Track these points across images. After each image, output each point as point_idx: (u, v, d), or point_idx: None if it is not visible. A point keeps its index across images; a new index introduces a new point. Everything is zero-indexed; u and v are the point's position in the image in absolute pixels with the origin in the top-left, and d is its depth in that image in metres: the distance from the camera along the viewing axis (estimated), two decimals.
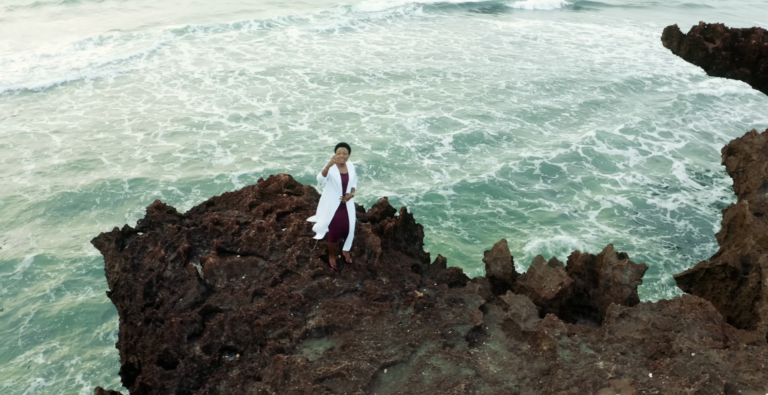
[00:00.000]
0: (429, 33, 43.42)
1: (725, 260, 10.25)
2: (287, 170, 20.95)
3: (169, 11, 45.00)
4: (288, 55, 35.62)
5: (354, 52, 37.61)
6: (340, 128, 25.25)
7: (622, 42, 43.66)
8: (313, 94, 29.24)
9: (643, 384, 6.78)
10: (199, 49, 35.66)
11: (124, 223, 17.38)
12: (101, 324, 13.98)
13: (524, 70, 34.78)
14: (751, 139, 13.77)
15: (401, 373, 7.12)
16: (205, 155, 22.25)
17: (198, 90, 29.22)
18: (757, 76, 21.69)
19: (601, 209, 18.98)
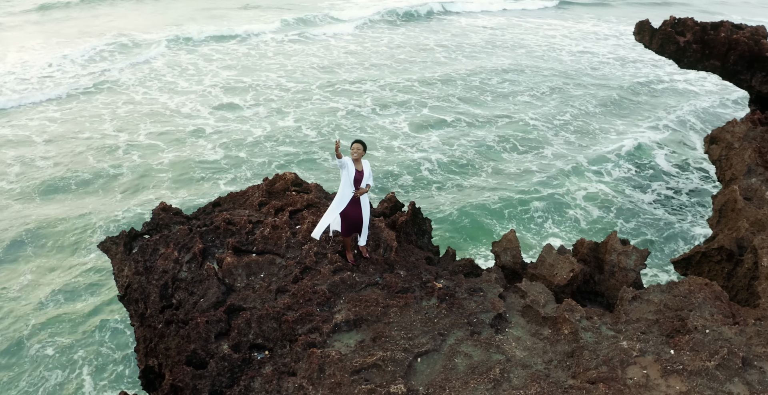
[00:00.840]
0: (398, 31, 43.85)
1: (721, 244, 10.81)
2: (274, 168, 20.99)
3: (132, 19, 44.06)
4: (260, 56, 35.52)
5: (326, 51, 37.72)
6: (321, 123, 25.45)
7: (588, 37, 44.86)
8: (293, 91, 29.34)
9: (666, 360, 7.18)
10: (182, 58, 35.10)
11: (113, 225, 17.25)
12: (105, 330, 13.82)
13: (497, 66, 35.47)
14: (732, 128, 14.47)
15: (435, 361, 7.37)
16: (194, 153, 22.15)
17: (179, 92, 28.97)
18: (726, 67, 22.63)
19: (587, 198, 19.57)
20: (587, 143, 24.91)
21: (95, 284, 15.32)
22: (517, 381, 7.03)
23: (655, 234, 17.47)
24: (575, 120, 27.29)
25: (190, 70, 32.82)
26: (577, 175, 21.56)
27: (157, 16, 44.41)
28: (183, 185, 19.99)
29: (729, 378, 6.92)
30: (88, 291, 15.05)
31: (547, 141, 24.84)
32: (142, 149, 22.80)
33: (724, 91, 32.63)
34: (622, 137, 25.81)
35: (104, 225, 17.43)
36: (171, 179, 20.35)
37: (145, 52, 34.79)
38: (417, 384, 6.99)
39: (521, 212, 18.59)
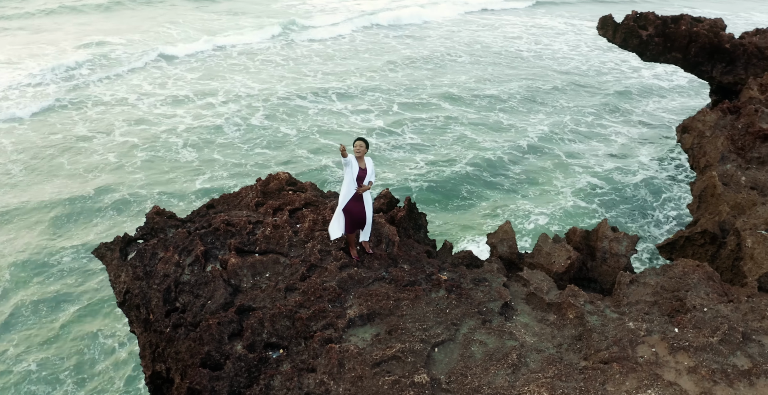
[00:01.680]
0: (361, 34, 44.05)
1: (704, 227, 11.38)
2: (255, 168, 20.91)
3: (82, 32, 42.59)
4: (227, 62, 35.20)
5: (290, 50, 37.64)
6: (294, 120, 25.46)
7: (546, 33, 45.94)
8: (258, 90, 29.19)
9: (672, 338, 7.58)
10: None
11: (94, 232, 16.93)
12: (88, 341, 13.58)
13: (457, 63, 36.00)
14: (703, 117, 15.17)
15: (451, 350, 7.60)
16: (168, 153, 21.86)
17: (152, 95, 28.45)
18: (688, 59, 23.62)
19: (567, 189, 20.15)
20: (564, 137, 25.56)
21: (71, 292, 15.03)
22: (534, 365, 7.32)
23: (636, 222, 18.14)
24: (548, 118, 27.95)
25: (164, 80, 32.28)
26: (557, 167, 22.15)
27: (129, 25, 43.23)
28: (157, 186, 19.78)
29: (732, 351, 7.35)
30: (66, 300, 14.76)
31: (523, 134, 25.40)
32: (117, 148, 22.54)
33: (686, 82, 33.95)
34: (596, 130, 26.60)
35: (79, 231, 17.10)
36: (144, 180, 20.11)
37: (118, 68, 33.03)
38: (438, 373, 7.20)
39: (505, 205, 19.02)
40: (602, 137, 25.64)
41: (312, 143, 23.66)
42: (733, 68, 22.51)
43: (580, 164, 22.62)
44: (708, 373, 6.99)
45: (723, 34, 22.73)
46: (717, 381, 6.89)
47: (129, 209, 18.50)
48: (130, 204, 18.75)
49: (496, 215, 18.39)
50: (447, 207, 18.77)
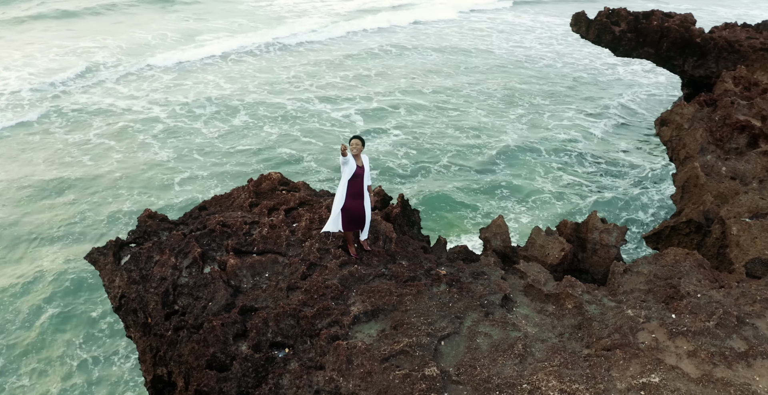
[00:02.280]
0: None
1: (689, 217, 11.74)
2: (236, 167, 20.80)
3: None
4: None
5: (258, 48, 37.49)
6: (275, 118, 25.41)
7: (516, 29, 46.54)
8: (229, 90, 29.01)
9: (670, 324, 7.84)
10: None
11: (77, 237, 16.66)
12: (74, 348, 13.37)
13: (426, 61, 36.30)
14: (681, 110, 15.61)
15: (457, 343, 7.73)
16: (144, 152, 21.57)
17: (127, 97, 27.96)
18: (660, 54, 24.23)
19: (550, 185, 20.50)
20: (541, 133, 25.96)
21: (47, 299, 14.80)
22: (539, 355, 7.50)
23: (619, 214, 18.55)
24: (528, 113, 28.34)
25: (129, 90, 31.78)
26: (538, 163, 22.51)
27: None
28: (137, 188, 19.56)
29: (728, 335, 7.64)
30: (41, 308, 14.52)
31: (503, 132, 25.72)
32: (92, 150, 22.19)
33: (659, 77, 34.76)
34: (575, 125, 27.07)
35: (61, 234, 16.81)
36: (124, 181, 19.87)
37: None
38: (447, 365, 7.33)
39: (486, 199, 19.27)
40: (581, 132, 26.10)
41: (293, 142, 23.64)
42: (705, 62, 23.16)
43: (561, 159, 23.03)
44: (707, 356, 7.25)
45: (693, 28, 23.38)
46: (716, 364, 7.16)
47: (108, 212, 18.25)
48: (106, 206, 18.50)
49: (480, 211, 18.62)
50: (432, 204, 18.94)
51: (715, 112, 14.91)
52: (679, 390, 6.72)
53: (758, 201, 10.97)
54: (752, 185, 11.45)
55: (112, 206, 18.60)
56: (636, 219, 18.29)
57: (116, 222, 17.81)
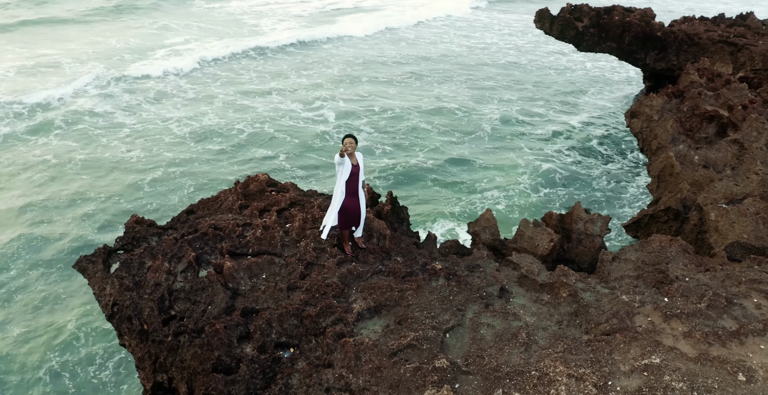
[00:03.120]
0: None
1: (667, 205, 12.20)
2: (198, 165, 20.57)
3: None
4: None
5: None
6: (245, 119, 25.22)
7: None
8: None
9: (664, 307, 8.18)
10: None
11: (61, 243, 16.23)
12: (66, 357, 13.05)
13: (385, 58, 36.57)
14: (650, 101, 16.16)
15: (462, 335, 7.91)
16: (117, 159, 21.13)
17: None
18: (622, 48, 24.98)
19: (526, 179, 20.90)
20: (516, 127, 26.40)
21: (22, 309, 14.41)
22: (543, 342, 7.73)
23: (596, 205, 19.06)
24: (498, 110, 28.79)
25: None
26: (512, 157, 22.91)
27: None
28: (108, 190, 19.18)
29: (719, 315, 8.02)
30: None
31: (478, 127, 26.06)
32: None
33: (618, 70, 35.75)
34: (546, 120, 27.62)
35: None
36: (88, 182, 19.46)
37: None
38: (454, 356, 7.49)
39: (464, 193, 19.56)
40: (553, 127, 26.63)
41: (267, 141, 23.53)
42: (666, 55, 23.97)
43: (535, 153, 23.49)
44: (702, 336, 7.60)
45: (654, 22, 24.18)
46: (711, 343, 7.51)
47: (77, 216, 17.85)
48: (74, 208, 18.08)
49: (458, 205, 18.90)
50: (410, 199, 19.12)
51: (683, 103, 15.49)
52: (680, 370, 7.03)
53: (732, 187, 11.49)
54: (726, 172, 11.97)
55: (79, 211, 18.20)
56: (610, 209, 18.84)
57: (84, 227, 17.44)
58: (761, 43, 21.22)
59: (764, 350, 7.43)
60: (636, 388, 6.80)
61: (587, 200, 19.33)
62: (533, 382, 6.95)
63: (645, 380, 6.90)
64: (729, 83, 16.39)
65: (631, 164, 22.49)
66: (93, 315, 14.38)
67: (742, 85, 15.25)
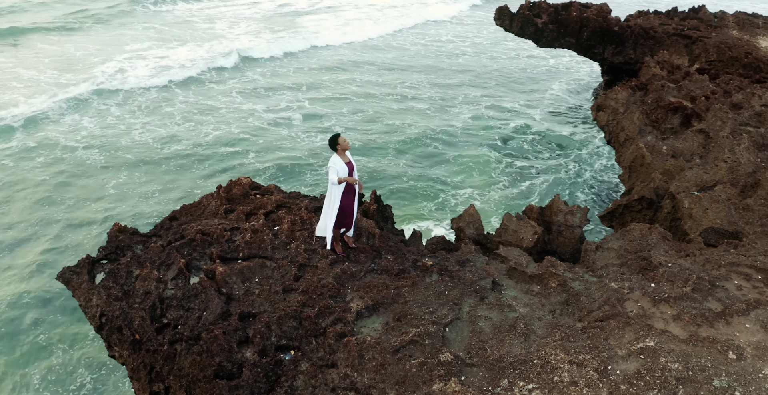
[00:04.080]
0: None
1: (640, 194, 12.65)
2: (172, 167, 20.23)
3: None
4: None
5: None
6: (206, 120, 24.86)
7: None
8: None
9: (651, 292, 8.51)
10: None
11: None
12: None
13: (339, 55, 36.70)
14: (615, 95, 16.69)
15: (461, 328, 8.07)
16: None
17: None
18: (581, 43, 25.65)
19: (496, 174, 21.28)
20: (484, 123, 26.78)
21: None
22: (540, 332, 7.96)
23: (566, 197, 19.54)
24: (467, 106, 29.16)
25: None
26: (482, 154, 23.26)
27: None
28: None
29: (704, 298, 8.40)
30: None
31: (448, 125, 26.33)
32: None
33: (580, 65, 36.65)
34: (512, 114, 28.10)
35: None
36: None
37: None
38: (456, 350, 7.64)
39: (438, 189, 19.80)
40: (519, 121, 27.13)
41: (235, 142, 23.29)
42: (623, 49, 24.74)
43: (504, 148, 23.91)
44: (690, 318, 7.95)
45: (611, 17, 24.91)
46: (700, 325, 7.87)
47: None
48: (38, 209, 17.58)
49: (434, 200, 19.12)
50: (386, 197, 19.24)
51: (647, 95, 16.06)
52: (674, 351, 7.35)
53: (703, 175, 12.00)
54: (695, 161, 12.50)
55: (40, 214, 17.70)
56: (581, 200, 19.36)
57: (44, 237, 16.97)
58: (714, 35, 22.13)
59: (749, 329, 7.83)
60: (635, 371, 7.08)
61: (557, 193, 19.81)
62: (537, 370, 7.16)
63: (642, 362, 7.19)
64: (689, 75, 17.06)
65: (596, 156, 23.14)
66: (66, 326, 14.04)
67: (703, 76, 15.91)
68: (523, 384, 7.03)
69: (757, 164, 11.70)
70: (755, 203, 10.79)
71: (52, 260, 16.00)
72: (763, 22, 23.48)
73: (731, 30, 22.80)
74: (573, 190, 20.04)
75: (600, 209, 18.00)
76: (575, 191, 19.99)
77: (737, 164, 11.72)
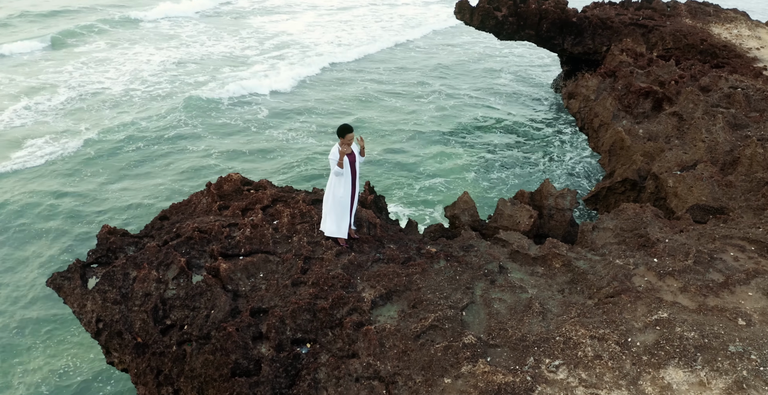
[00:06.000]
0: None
1: (624, 176, 13.02)
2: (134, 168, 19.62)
3: None
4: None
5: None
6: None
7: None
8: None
9: (655, 267, 8.77)
10: None
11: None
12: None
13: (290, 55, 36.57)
14: (586, 82, 17.12)
15: (477, 311, 8.13)
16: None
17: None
18: (541, 35, 26.19)
19: (473, 165, 21.48)
20: (449, 113, 27.00)
21: None
22: (556, 310, 8.10)
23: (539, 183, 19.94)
24: (433, 102, 29.34)
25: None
26: (455, 147, 23.44)
27: None
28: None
29: (706, 269, 8.71)
30: None
31: (416, 120, 26.44)
32: None
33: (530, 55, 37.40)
34: (478, 107, 28.43)
35: None
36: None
37: None
38: (477, 332, 7.69)
39: (412, 182, 19.87)
40: (487, 114, 27.49)
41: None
42: (582, 40, 25.39)
43: (477, 141, 24.16)
44: (696, 290, 8.23)
45: (568, 9, 25.53)
46: (706, 295, 8.15)
47: None
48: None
49: (408, 193, 19.19)
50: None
51: (617, 82, 16.54)
52: (687, 321, 7.60)
53: (682, 156, 12.43)
54: (674, 142, 12.94)
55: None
56: (559, 186, 19.78)
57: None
58: (669, 23, 22.97)
59: (752, 296, 8.16)
60: (654, 341, 7.28)
61: (536, 181, 20.19)
62: (560, 347, 7.28)
63: (659, 333, 7.40)
64: (652, 62, 17.65)
65: (572, 143, 23.67)
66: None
67: (670, 62, 16.50)
68: (549, 361, 7.13)
69: (734, 143, 12.21)
70: (736, 179, 11.26)
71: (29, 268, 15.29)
72: (714, 10, 24.51)
73: (684, 18, 23.71)
74: (551, 177, 20.44)
75: (579, 194, 18.41)
76: (553, 179, 20.40)
77: (715, 143, 12.20)
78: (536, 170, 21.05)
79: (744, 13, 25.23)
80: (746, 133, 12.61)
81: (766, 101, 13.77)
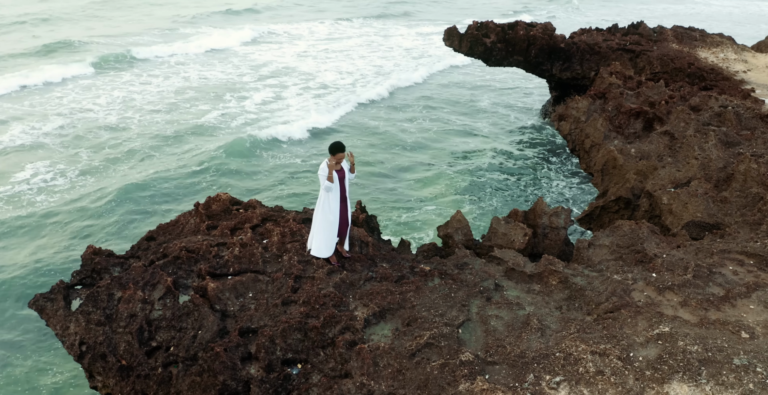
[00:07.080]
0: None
1: (617, 195, 12.97)
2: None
3: None
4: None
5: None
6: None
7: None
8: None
9: (655, 281, 8.64)
10: None
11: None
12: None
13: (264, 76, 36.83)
14: (576, 104, 17.24)
15: (473, 329, 7.92)
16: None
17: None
18: (529, 61, 26.51)
19: (461, 184, 21.43)
20: (441, 138, 27.09)
21: None
22: (555, 326, 7.91)
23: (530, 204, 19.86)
24: (418, 125, 29.48)
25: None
26: (440, 168, 23.44)
27: None
28: None
29: (705, 283, 8.58)
30: None
31: (402, 143, 26.49)
32: None
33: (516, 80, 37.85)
34: (466, 131, 28.56)
35: None
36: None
37: None
38: (474, 350, 7.48)
39: (397, 206, 19.75)
40: (475, 139, 27.62)
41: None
42: (570, 65, 25.71)
43: (464, 167, 24.20)
44: (697, 303, 8.09)
45: (556, 35, 25.92)
46: (707, 309, 8.01)
47: None
48: None
49: (393, 218, 19.06)
50: None
51: (607, 103, 16.66)
52: (689, 335, 7.43)
53: (675, 173, 12.43)
54: (666, 160, 12.96)
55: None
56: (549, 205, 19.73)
57: None
58: (656, 48, 23.33)
59: (754, 309, 8.02)
60: (657, 356, 7.09)
61: (526, 201, 20.13)
62: (560, 363, 7.08)
63: (662, 347, 7.22)
64: (642, 84, 17.84)
65: (563, 164, 23.74)
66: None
67: (659, 83, 16.67)
68: (550, 377, 6.92)
69: (727, 160, 12.23)
70: (731, 195, 11.23)
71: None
72: (701, 35, 24.97)
73: (671, 43, 24.11)
74: (530, 198, 20.41)
75: (573, 214, 18.34)
76: (546, 199, 20.35)
77: (708, 160, 12.21)
78: (526, 194, 21.02)
79: (730, 38, 25.72)
80: (738, 150, 12.66)
81: (757, 119, 13.88)
